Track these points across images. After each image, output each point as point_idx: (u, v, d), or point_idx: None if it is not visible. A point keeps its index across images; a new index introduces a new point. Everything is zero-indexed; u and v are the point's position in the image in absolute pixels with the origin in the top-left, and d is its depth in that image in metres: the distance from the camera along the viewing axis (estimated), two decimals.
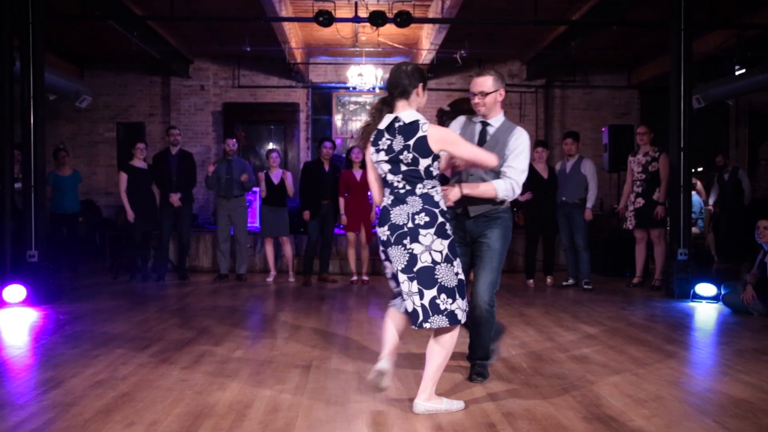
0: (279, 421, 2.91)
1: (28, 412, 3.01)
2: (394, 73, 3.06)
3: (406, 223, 2.94)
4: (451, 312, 2.94)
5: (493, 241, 3.42)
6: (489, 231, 3.44)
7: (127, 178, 7.47)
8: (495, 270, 3.41)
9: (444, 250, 2.95)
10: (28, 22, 6.22)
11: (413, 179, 2.97)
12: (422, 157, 2.93)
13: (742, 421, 2.94)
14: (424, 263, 2.92)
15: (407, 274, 2.94)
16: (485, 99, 3.47)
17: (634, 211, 7.16)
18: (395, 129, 3.00)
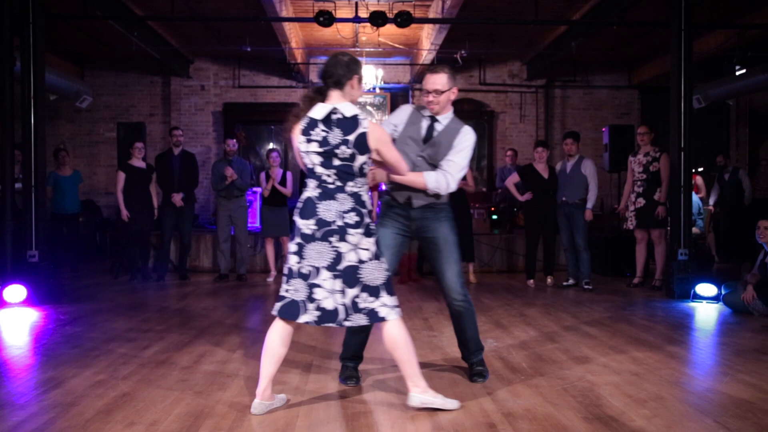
0: (279, 422, 2.91)
1: (28, 412, 3.01)
2: (330, 62, 2.99)
3: (335, 221, 2.89)
4: (371, 310, 2.93)
5: (448, 234, 3.45)
6: (439, 225, 3.45)
7: (125, 178, 7.48)
8: (457, 261, 3.46)
9: (371, 248, 2.95)
10: (28, 22, 6.22)
11: (345, 175, 2.93)
12: (360, 154, 2.91)
13: (743, 421, 2.93)
14: (349, 262, 2.90)
15: (331, 272, 2.90)
16: (439, 97, 3.42)
17: (634, 211, 7.16)
18: (332, 121, 2.92)
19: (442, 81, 3.40)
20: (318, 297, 2.91)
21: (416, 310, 5.80)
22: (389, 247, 3.39)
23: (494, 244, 8.86)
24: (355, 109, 2.96)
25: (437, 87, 3.39)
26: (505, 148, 10.86)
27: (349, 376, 3.51)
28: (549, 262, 7.52)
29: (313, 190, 2.97)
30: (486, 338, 4.63)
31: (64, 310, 5.73)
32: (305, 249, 2.92)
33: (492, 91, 11.68)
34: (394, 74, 11.59)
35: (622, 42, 9.85)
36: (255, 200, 8.95)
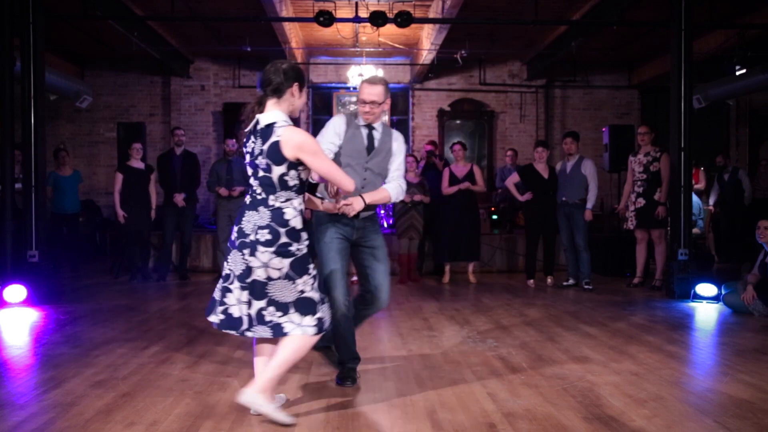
0: None
1: (28, 412, 3.01)
2: (268, 69, 2.91)
3: (249, 235, 2.83)
4: (276, 324, 2.84)
5: (380, 244, 3.55)
6: (374, 235, 3.54)
7: (122, 179, 7.48)
8: (387, 272, 3.56)
9: (284, 269, 2.82)
10: (28, 22, 6.22)
11: (268, 188, 2.84)
12: (275, 165, 2.79)
13: (743, 421, 2.93)
14: (256, 277, 2.83)
15: (240, 282, 2.85)
16: (376, 108, 3.45)
17: (634, 211, 7.15)
18: (257, 131, 2.87)
19: (379, 93, 3.44)
20: (227, 302, 2.87)
21: (416, 310, 5.80)
22: (340, 251, 3.46)
23: (494, 244, 8.86)
24: (277, 116, 2.84)
25: (374, 99, 3.42)
26: (505, 148, 10.86)
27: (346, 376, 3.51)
28: (549, 262, 7.52)
29: (248, 198, 2.94)
30: (486, 338, 4.64)
31: (64, 310, 5.74)
32: (230, 253, 2.91)
33: (492, 91, 11.68)
34: (394, 74, 11.59)
35: (622, 42, 9.86)
36: None
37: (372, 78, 3.55)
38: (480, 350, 4.28)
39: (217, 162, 8.08)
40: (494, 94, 11.72)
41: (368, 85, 3.46)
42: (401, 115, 11.79)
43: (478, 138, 11.94)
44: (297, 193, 2.89)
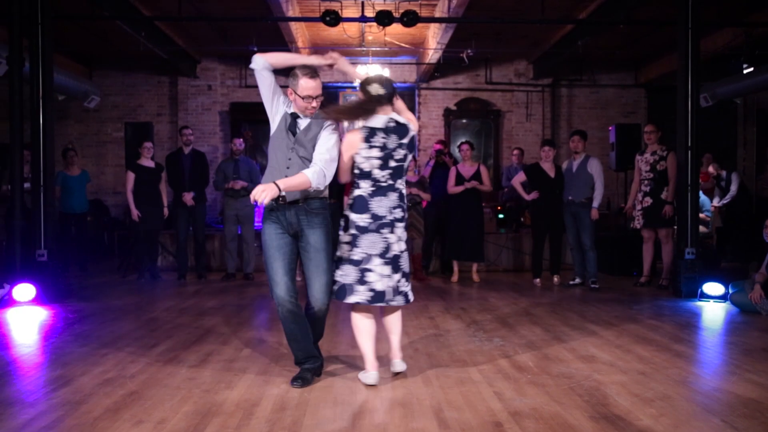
0: (286, 420, 2.93)
1: (37, 410, 3.03)
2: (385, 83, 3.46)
3: (384, 216, 3.40)
4: (405, 293, 3.49)
5: (317, 242, 3.41)
6: (310, 231, 3.41)
7: (134, 178, 7.51)
8: (326, 271, 3.44)
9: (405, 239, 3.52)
10: (37, 23, 6.26)
11: (397, 175, 3.46)
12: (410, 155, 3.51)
13: (751, 420, 2.93)
14: (395, 252, 3.43)
15: (382, 259, 3.39)
16: (318, 102, 3.44)
17: (641, 210, 7.14)
18: (390, 129, 3.43)
19: (321, 85, 3.43)
20: (370, 280, 3.38)
21: (422, 309, 5.80)
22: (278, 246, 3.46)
23: (501, 243, 8.86)
24: (399, 117, 3.50)
25: (320, 92, 3.42)
26: (512, 147, 10.84)
27: (297, 376, 3.48)
28: (555, 261, 7.51)
29: (365, 189, 3.41)
30: (492, 337, 4.65)
31: (73, 309, 5.77)
32: (359, 239, 3.38)
33: (498, 90, 11.66)
34: (400, 73, 11.59)
35: (628, 41, 9.83)
36: None
37: (311, 72, 3.39)
38: (486, 349, 4.28)
39: (224, 161, 8.11)
40: (500, 93, 11.70)
41: (312, 80, 3.36)
42: None
43: (484, 137, 11.93)
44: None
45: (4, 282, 6.00)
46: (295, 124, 3.46)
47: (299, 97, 3.38)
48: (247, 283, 7.58)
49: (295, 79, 3.38)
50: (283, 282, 3.39)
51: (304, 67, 3.40)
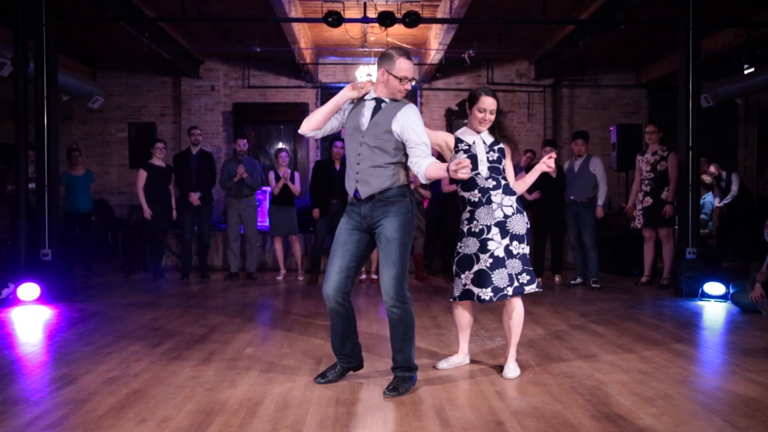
0: (289, 418, 2.94)
1: (42, 409, 3.06)
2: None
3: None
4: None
5: (390, 232, 3.27)
6: (385, 220, 3.28)
7: (146, 176, 7.55)
8: (397, 263, 3.26)
9: None
10: (41, 24, 6.29)
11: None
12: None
13: (752, 420, 2.94)
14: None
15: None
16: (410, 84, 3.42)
17: (642, 210, 7.16)
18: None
19: (414, 68, 3.52)
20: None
21: (424, 308, 5.82)
22: (342, 242, 3.40)
23: None
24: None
25: (414, 74, 3.45)
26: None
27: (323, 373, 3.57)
28: (557, 261, 7.52)
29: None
30: (494, 336, 4.66)
31: (77, 308, 5.80)
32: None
33: (500, 90, 11.60)
34: None
35: (629, 41, 9.83)
36: (264, 199, 9.01)
37: (408, 52, 3.39)
38: (488, 348, 4.30)
39: (228, 161, 8.15)
40: (502, 93, 11.66)
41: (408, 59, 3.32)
42: None
43: None
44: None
45: (9, 281, 6.03)
46: (359, 115, 3.37)
47: (394, 78, 3.29)
48: (250, 283, 7.61)
49: (391, 60, 3.30)
50: (335, 280, 3.34)
51: (399, 48, 3.39)
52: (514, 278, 3.58)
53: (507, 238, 3.59)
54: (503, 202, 3.61)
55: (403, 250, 3.29)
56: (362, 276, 7.65)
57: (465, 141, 3.70)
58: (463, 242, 3.66)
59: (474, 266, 3.60)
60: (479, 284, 3.58)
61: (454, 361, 3.85)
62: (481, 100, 3.67)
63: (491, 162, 3.63)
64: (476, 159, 3.61)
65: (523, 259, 3.62)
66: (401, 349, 3.36)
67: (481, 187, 3.61)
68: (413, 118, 3.31)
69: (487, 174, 3.60)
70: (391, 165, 3.31)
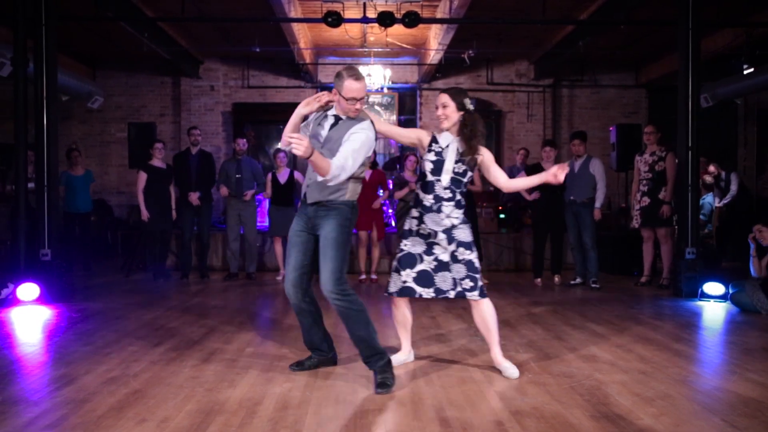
0: (289, 418, 2.95)
1: (41, 409, 3.06)
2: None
3: None
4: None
5: (328, 231, 3.44)
6: (325, 222, 3.46)
7: (146, 178, 7.54)
8: (334, 258, 3.40)
9: None
10: (41, 24, 6.29)
11: None
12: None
13: (751, 419, 2.94)
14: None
15: None
16: (362, 104, 3.50)
17: (639, 209, 7.17)
18: None
19: (366, 87, 3.47)
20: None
21: (423, 308, 5.82)
22: (294, 244, 3.58)
23: (502, 243, 8.88)
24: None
25: (364, 95, 3.45)
26: (513, 147, 10.84)
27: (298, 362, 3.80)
28: (557, 261, 7.53)
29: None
30: None
31: (77, 308, 5.80)
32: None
33: (499, 90, 11.68)
34: (402, 74, 11.62)
35: (629, 41, 9.83)
36: (264, 200, 9.01)
37: (357, 74, 3.41)
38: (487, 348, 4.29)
39: (227, 161, 8.14)
40: (502, 93, 11.72)
41: (359, 81, 3.39)
42: (409, 114, 11.82)
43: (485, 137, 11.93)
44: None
45: (9, 281, 6.03)
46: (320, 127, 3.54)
47: (343, 99, 3.40)
48: (250, 283, 7.61)
49: (341, 81, 3.40)
50: (291, 278, 3.55)
51: (349, 68, 3.44)
52: (457, 283, 3.60)
53: (453, 244, 3.60)
54: (452, 213, 3.60)
55: (340, 247, 3.42)
56: (362, 276, 7.65)
57: (439, 143, 3.65)
58: (409, 240, 3.69)
59: (417, 266, 3.65)
60: (421, 284, 3.64)
61: (399, 358, 3.89)
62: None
63: (456, 173, 3.60)
64: (442, 166, 3.60)
65: (469, 265, 3.59)
66: (361, 338, 3.46)
67: (436, 194, 3.61)
68: (356, 138, 3.35)
69: (448, 184, 3.59)
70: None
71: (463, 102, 3.60)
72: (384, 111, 11.66)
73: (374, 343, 3.47)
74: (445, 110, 3.60)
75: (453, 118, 3.60)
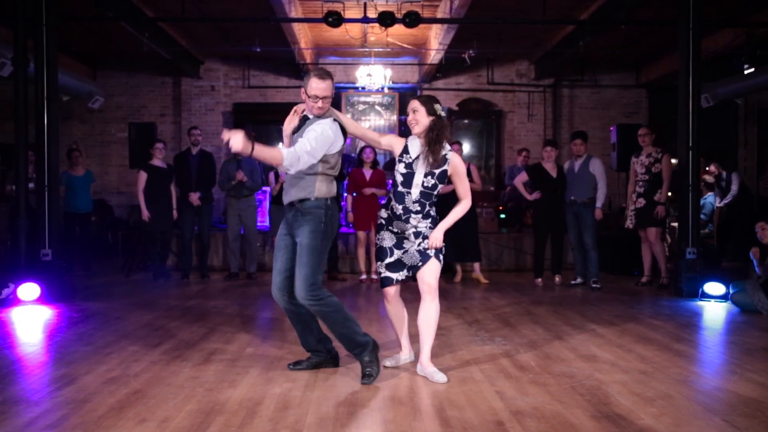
0: (289, 418, 2.94)
1: (42, 409, 3.06)
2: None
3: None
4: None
5: (302, 238, 3.49)
6: (300, 229, 3.52)
7: (146, 178, 7.54)
8: (306, 264, 3.45)
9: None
10: (41, 24, 6.29)
11: None
12: None
13: (752, 420, 2.94)
14: None
15: None
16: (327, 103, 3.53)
17: (634, 210, 7.17)
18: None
19: (331, 87, 3.50)
20: None
21: None
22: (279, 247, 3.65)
23: (502, 243, 8.87)
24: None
25: (327, 94, 3.47)
26: (513, 147, 10.84)
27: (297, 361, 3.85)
28: (557, 261, 7.52)
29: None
30: (494, 336, 4.66)
31: (77, 308, 5.80)
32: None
33: (500, 90, 11.68)
34: (402, 74, 11.62)
35: (629, 41, 9.83)
36: (264, 199, 9.00)
37: (322, 73, 3.48)
38: (488, 348, 4.30)
39: (227, 161, 8.13)
40: (502, 93, 11.72)
41: (322, 80, 3.44)
42: None
43: (486, 137, 11.95)
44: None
45: (9, 281, 6.03)
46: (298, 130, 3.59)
47: (307, 96, 3.48)
48: (250, 283, 7.61)
49: (307, 79, 3.49)
50: (277, 281, 3.62)
51: (317, 68, 3.54)
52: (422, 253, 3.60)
53: (420, 237, 3.61)
54: (419, 225, 3.59)
55: (313, 253, 3.47)
56: (362, 276, 7.64)
57: (410, 153, 3.61)
58: (381, 236, 3.72)
59: (387, 258, 3.68)
60: (394, 270, 3.67)
61: (400, 358, 3.90)
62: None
63: (425, 188, 3.56)
64: (412, 179, 3.57)
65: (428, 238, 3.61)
66: (342, 335, 3.56)
67: (406, 206, 3.57)
68: (311, 130, 3.42)
69: (417, 198, 3.56)
70: (307, 176, 3.50)
71: (434, 107, 3.56)
72: (384, 111, 11.66)
73: (355, 337, 3.56)
74: (415, 115, 3.56)
75: (423, 123, 3.54)
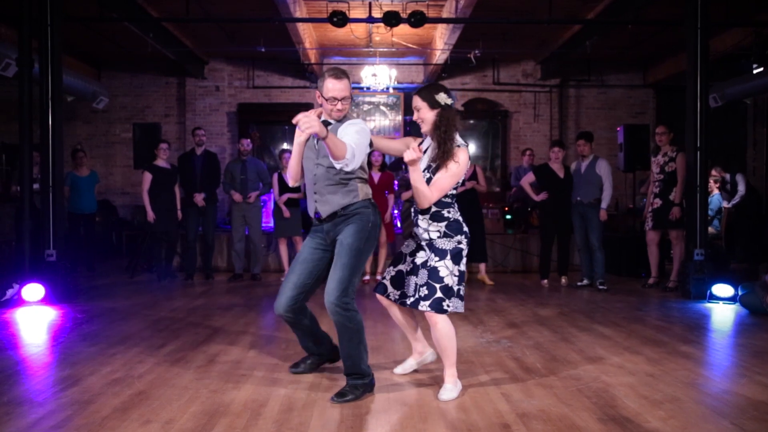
0: (293, 420, 2.93)
1: (46, 410, 3.05)
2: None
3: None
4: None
5: (345, 237, 3.25)
6: (345, 227, 3.28)
7: (151, 178, 7.54)
8: (345, 266, 3.19)
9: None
10: (46, 25, 6.30)
11: None
12: None
13: (761, 423, 2.91)
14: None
15: None
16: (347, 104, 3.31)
17: (652, 211, 7.13)
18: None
19: (349, 86, 3.27)
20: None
21: None
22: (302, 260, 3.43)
23: (508, 244, 8.84)
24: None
25: (346, 94, 3.25)
26: (519, 147, 10.79)
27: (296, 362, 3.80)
28: (563, 262, 7.48)
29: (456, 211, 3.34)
30: (500, 338, 4.63)
31: (81, 309, 5.80)
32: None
33: (506, 90, 11.64)
34: (407, 74, 11.60)
35: (637, 40, 9.79)
36: (269, 201, 8.99)
37: (337, 73, 3.24)
38: (494, 350, 4.28)
39: (231, 162, 8.13)
40: (508, 93, 11.68)
41: (338, 80, 3.22)
42: None
43: (491, 138, 11.92)
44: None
45: (14, 282, 6.04)
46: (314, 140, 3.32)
47: (324, 100, 3.25)
48: (255, 284, 7.60)
49: (322, 81, 3.27)
50: (287, 296, 3.38)
51: (332, 68, 3.29)
52: (417, 289, 3.27)
53: (431, 251, 3.28)
54: (429, 227, 3.28)
55: (355, 255, 3.22)
56: (366, 277, 7.62)
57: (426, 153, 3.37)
58: (408, 240, 3.52)
59: (399, 265, 3.48)
60: (394, 284, 3.46)
61: (410, 363, 3.74)
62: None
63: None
64: None
65: (432, 273, 3.23)
66: (349, 355, 3.27)
67: (415, 207, 3.36)
68: (350, 129, 3.20)
69: None
70: (348, 180, 3.28)
71: (435, 99, 3.23)
72: (389, 111, 11.64)
73: (361, 363, 3.27)
74: (419, 114, 3.28)
75: (429, 119, 3.25)
